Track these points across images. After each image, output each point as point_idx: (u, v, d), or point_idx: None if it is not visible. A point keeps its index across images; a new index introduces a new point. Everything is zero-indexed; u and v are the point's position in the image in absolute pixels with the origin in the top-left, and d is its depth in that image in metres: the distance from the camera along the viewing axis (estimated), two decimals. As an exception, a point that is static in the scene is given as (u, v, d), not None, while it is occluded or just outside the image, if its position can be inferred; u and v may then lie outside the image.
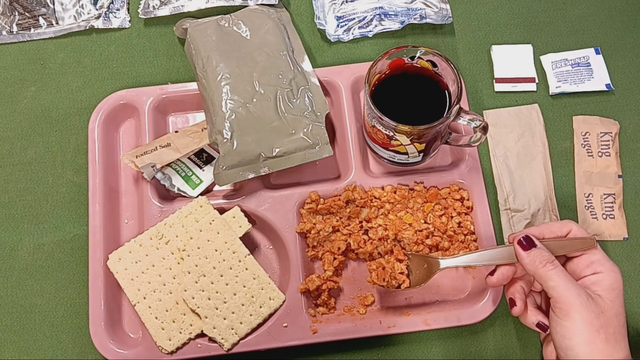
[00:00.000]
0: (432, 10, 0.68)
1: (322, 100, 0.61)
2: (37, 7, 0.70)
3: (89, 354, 0.58)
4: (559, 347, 0.43)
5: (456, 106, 0.52)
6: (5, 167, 0.65)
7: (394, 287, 0.53)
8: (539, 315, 0.47)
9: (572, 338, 0.42)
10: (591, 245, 0.46)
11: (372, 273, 0.54)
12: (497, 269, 0.47)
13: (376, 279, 0.53)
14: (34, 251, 0.61)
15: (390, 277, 0.53)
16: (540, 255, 0.44)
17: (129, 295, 0.56)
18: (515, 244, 0.46)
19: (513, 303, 0.47)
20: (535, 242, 0.45)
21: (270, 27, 0.64)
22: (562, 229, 0.47)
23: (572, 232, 0.47)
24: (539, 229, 0.47)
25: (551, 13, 0.70)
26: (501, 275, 0.47)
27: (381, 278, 0.53)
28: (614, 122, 0.64)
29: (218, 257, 0.56)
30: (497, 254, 0.48)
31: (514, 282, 0.48)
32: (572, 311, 0.42)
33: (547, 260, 0.44)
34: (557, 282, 0.43)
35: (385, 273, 0.53)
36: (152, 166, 0.59)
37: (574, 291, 0.42)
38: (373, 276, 0.54)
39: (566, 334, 0.42)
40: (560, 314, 0.43)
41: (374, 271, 0.54)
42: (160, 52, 0.69)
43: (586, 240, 0.46)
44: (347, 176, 0.60)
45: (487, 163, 0.63)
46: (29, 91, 0.68)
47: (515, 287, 0.48)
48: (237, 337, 0.55)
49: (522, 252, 0.45)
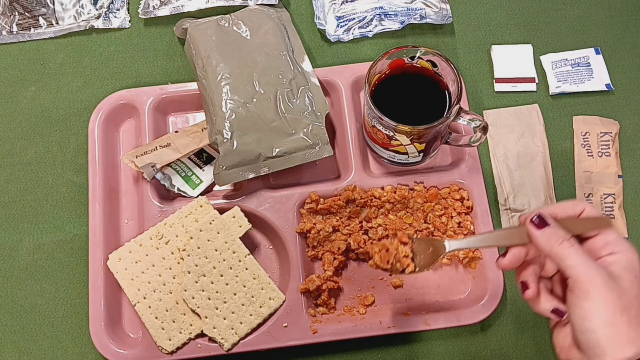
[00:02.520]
0: (432, 10, 0.68)
1: (322, 100, 0.61)
2: (37, 7, 0.70)
3: (89, 354, 0.58)
4: (578, 330, 0.40)
5: (456, 106, 0.52)
6: (5, 167, 0.65)
7: (397, 271, 0.49)
8: (553, 301, 0.44)
9: (592, 319, 0.39)
10: (606, 224, 0.43)
11: (374, 256, 0.50)
12: (508, 250, 0.45)
13: (379, 261, 0.49)
14: (34, 251, 0.61)
15: (395, 260, 0.49)
16: (555, 234, 0.41)
17: (129, 295, 0.56)
18: (528, 223, 0.43)
19: (525, 286, 0.44)
20: (549, 220, 0.42)
21: (270, 27, 0.64)
22: (575, 209, 0.44)
23: (585, 211, 0.44)
24: (551, 208, 0.44)
25: (551, 13, 0.70)
26: (513, 256, 0.44)
27: (385, 260, 0.49)
28: (614, 122, 0.64)
29: (218, 257, 0.56)
30: (507, 235, 0.45)
31: (525, 265, 0.45)
32: (592, 291, 0.39)
33: (564, 238, 0.41)
34: (575, 260, 0.40)
35: (390, 255, 0.49)
36: (152, 166, 0.59)
37: (593, 269, 0.40)
38: (376, 259, 0.50)
39: (586, 316, 0.39)
40: (580, 295, 0.40)
41: (377, 253, 0.50)
42: (160, 52, 0.69)
43: (601, 220, 0.44)
44: (347, 176, 0.60)
45: (487, 163, 0.63)
46: (29, 91, 0.68)
47: (527, 270, 0.45)
48: (237, 337, 0.55)
49: (536, 231, 0.42)
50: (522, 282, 0.45)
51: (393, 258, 0.49)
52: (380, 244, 0.50)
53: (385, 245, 0.50)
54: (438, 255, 0.48)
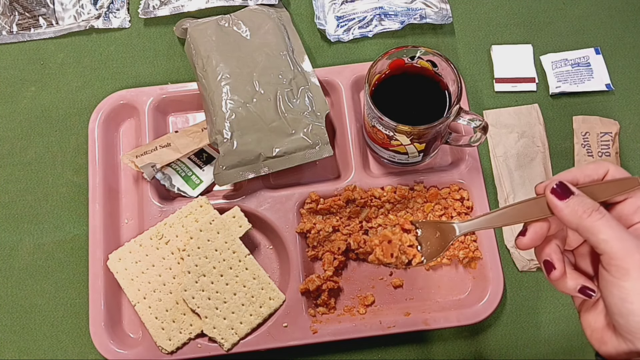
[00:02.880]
0: (432, 10, 0.68)
1: (322, 100, 0.61)
2: (37, 7, 0.70)
3: (89, 354, 0.58)
4: (617, 313, 0.35)
5: (456, 106, 0.52)
6: (5, 167, 0.65)
7: (403, 264, 0.44)
8: (580, 279, 0.39)
9: (634, 301, 0.34)
10: (635, 185, 0.38)
11: (375, 249, 0.45)
12: (528, 227, 0.39)
13: (382, 255, 0.44)
14: (34, 251, 0.61)
15: (400, 252, 0.43)
16: (582, 204, 0.36)
17: (129, 295, 0.56)
18: (549, 194, 0.38)
19: (551, 266, 0.39)
20: (572, 188, 0.37)
21: (270, 27, 0.64)
22: (598, 171, 0.39)
23: (609, 173, 0.39)
24: (571, 173, 0.39)
25: (551, 13, 0.70)
26: (534, 234, 0.39)
27: (388, 254, 0.44)
28: (614, 122, 0.64)
29: (218, 257, 0.56)
30: (525, 210, 0.40)
31: (547, 241, 0.40)
32: (632, 269, 0.34)
33: (592, 209, 0.36)
34: (609, 234, 0.35)
35: (393, 247, 0.44)
36: (152, 166, 0.59)
37: (631, 243, 0.35)
38: (377, 253, 0.44)
39: (626, 297, 0.34)
40: (617, 273, 0.35)
41: (378, 246, 0.45)
42: (160, 52, 0.69)
43: (629, 181, 0.38)
44: (347, 176, 0.60)
45: (487, 163, 0.63)
46: (29, 91, 0.68)
47: (550, 246, 0.40)
48: (237, 337, 0.55)
49: (559, 202, 0.37)
50: (546, 261, 0.39)
51: (397, 250, 0.44)
52: (381, 235, 0.45)
53: (386, 235, 0.45)
54: (447, 241, 0.43)
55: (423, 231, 0.44)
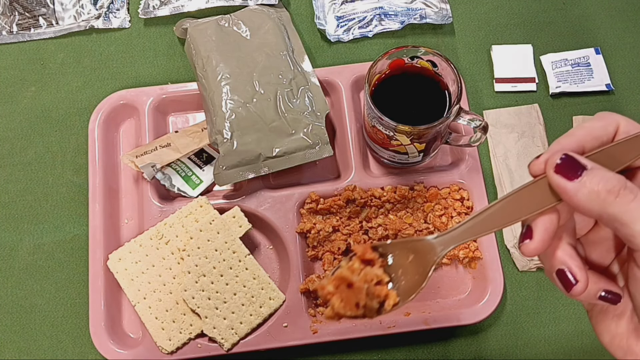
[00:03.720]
0: (432, 10, 0.68)
1: (322, 100, 0.61)
2: (37, 7, 0.70)
3: (89, 354, 0.58)
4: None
5: (456, 106, 0.52)
6: (5, 167, 0.65)
7: (374, 313, 0.31)
8: (601, 280, 0.29)
9: None
10: None
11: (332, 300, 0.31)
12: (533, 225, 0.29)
13: (342, 307, 0.30)
14: (34, 251, 0.61)
15: (368, 297, 0.31)
16: (603, 181, 0.26)
17: (129, 295, 0.56)
18: (552, 173, 0.27)
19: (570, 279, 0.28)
20: (583, 160, 0.27)
21: (270, 27, 0.64)
22: (607, 129, 0.29)
23: (620, 128, 0.30)
24: (574, 137, 0.29)
25: (551, 13, 0.70)
26: (544, 232, 0.28)
27: (351, 304, 0.30)
28: (614, 122, 0.64)
29: (218, 257, 0.56)
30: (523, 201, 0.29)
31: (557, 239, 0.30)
32: None
33: (620, 186, 0.26)
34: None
35: (357, 292, 0.30)
36: (152, 166, 0.59)
37: None
38: (336, 305, 0.31)
39: None
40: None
41: (335, 294, 0.31)
42: (160, 52, 0.69)
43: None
44: (347, 176, 0.60)
45: (487, 163, 0.63)
46: (29, 91, 0.68)
47: (563, 249, 0.29)
48: (237, 337, 0.55)
49: (569, 183, 0.27)
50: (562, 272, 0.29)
51: (363, 295, 0.30)
52: (336, 277, 0.31)
53: (344, 277, 0.31)
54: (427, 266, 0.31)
55: (394, 257, 0.31)
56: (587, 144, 0.29)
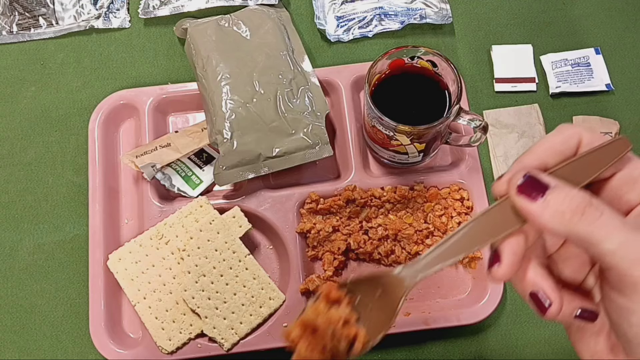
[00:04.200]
0: (432, 10, 0.68)
1: (322, 100, 0.61)
2: (37, 7, 0.70)
3: (89, 354, 0.58)
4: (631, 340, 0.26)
5: (456, 106, 0.52)
6: (5, 167, 0.65)
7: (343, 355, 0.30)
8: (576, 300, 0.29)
9: None
10: (624, 148, 0.28)
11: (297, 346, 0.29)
12: (500, 249, 0.28)
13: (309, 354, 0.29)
14: (34, 251, 0.61)
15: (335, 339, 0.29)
16: (567, 199, 0.25)
17: (129, 295, 0.56)
18: (515, 195, 0.26)
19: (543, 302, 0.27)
20: (546, 179, 0.26)
21: (270, 27, 0.64)
22: (569, 142, 0.28)
23: (583, 142, 0.28)
24: (536, 154, 0.28)
25: (551, 13, 0.70)
26: (512, 255, 0.27)
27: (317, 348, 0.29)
28: (614, 122, 0.64)
29: (218, 257, 0.56)
30: (489, 224, 0.28)
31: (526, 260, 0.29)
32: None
33: (584, 204, 0.25)
34: (616, 239, 0.24)
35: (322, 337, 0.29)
36: (152, 166, 0.59)
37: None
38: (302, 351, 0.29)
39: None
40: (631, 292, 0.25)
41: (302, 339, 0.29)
42: (160, 52, 0.69)
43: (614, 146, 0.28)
44: (347, 176, 0.60)
45: (487, 163, 0.63)
46: (29, 91, 0.68)
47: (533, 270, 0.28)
48: (237, 337, 0.55)
49: (533, 204, 0.26)
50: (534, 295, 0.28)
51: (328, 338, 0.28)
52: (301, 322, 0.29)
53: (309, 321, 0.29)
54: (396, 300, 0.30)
55: (361, 293, 0.30)
56: (550, 160, 0.28)
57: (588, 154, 0.28)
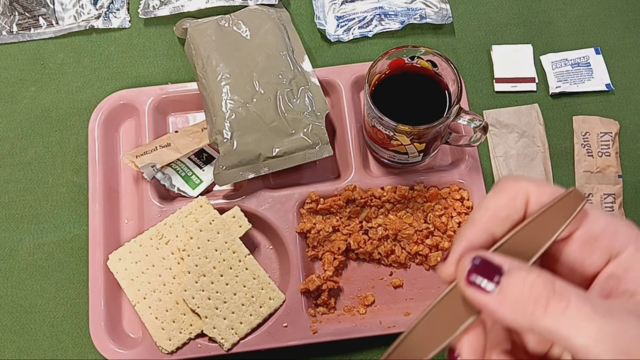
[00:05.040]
0: (432, 10, 0.68)
1: (322, 100, 0.61)
2: (37, 7, 0.70)
3: (89, 354, 0.58)
4: None
5: (456, 106, 0.52)
6: (5, 167, 0.65)
7: None
8: None
9: None
10: (577, 202, 0.24)
11: None
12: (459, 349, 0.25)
13: None
14: (34, 251, 0.61)
15: None
16: (528, 287, 0.22)
17: (129, 295, 0.56)
18: (465, 287, 0.24)
19: None
20: (497, 261, 0.23)
21: (270, 27, 0.64)
22: (515, 204, 0.25)
23: (530, 199, 0.25)
24: (480, 225, 0.25)
25: (551, 13, 0.70)
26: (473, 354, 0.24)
27: None
28: (614, 122, 0.64)
29: (218, 257, 0.56)
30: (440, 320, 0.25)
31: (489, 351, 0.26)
32: None
33: (548, 293, 0.21)
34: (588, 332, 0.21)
35: None
36: (152, 166, 0.59)
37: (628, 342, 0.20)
38: None
39: None
40: None
41: None
42: (160, 52, 0.69)
43: (567, 200, 0.24)
44: (347, 176, 0.60)
45: (487, 163, 0.63)
46: (29, 91, 0.68)
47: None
48: (237, 337, 0.55)
49: (486, 297, 0.23)
50: None
51: None
52: None
53: None
54: None
55: None
56: (497, 229, 0.24)
57: (539, 215, 0.24)
